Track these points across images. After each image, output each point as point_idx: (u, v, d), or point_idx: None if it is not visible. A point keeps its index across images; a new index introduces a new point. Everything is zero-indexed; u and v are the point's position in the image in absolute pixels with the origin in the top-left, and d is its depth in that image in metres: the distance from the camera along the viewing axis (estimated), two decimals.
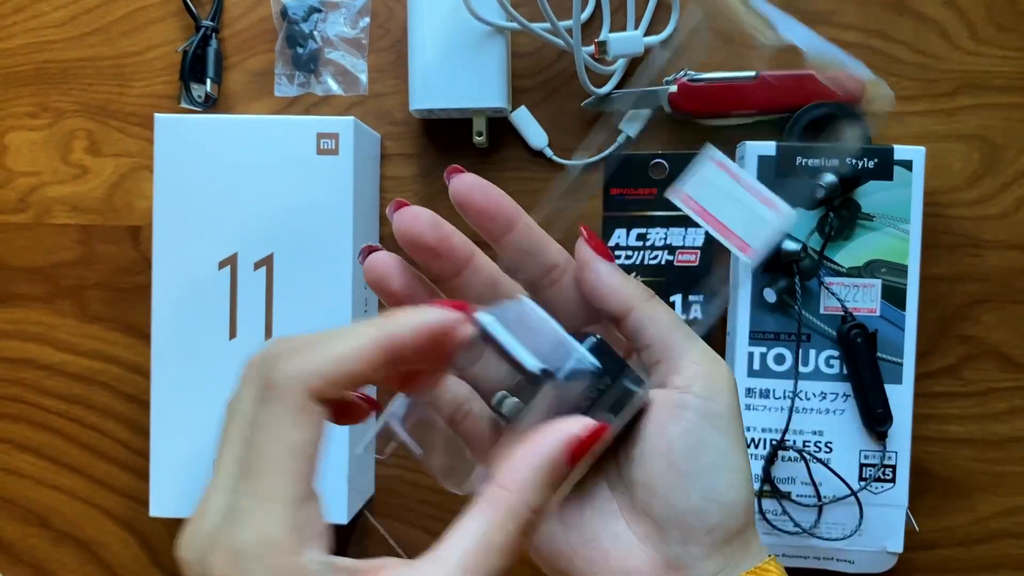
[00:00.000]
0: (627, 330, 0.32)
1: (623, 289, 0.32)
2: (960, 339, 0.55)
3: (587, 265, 0.32)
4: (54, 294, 0.58)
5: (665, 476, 0.30)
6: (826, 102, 0.53)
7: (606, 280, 0.32)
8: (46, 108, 0.58)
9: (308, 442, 0.25)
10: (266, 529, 0.24)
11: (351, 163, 0.50)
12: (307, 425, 0.25)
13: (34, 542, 0.59)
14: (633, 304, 0.32)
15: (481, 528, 0.26)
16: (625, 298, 0.32)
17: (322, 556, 0.25)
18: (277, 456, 0.25)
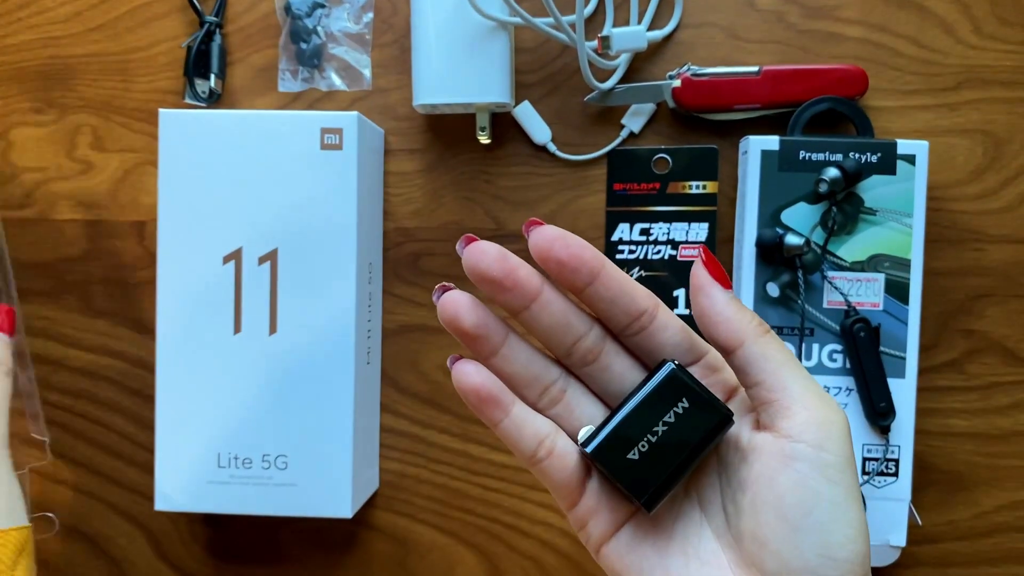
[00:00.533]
0: (737, 363, 0.32)
1: (738, 319, 0.31)
2: (963, 333, 0.55)
3: (702, 290, 0.32)
4: (60, 289, 0.59)
5: (777, 530, 0.29)
6: (829, 96, 0.53)
7: (720, 308, 0.32)
8: (51, 103, 0.59)
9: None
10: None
11: (355, 158, 0.50)
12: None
13: (39, 536, 0.59)
14: (746, 337, 0.31)
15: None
16: (739, 329, 0.31)
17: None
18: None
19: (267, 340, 0.51)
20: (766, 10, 0.55)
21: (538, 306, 0.31)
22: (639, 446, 0.31)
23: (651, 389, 0.31)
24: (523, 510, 0.57)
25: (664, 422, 0.31)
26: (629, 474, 0.31)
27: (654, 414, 0.31)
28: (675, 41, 0.56)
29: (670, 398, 0.31)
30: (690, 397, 0.31)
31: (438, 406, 0.57)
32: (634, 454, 0.31)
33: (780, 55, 0.55)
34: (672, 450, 0.31)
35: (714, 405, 0.31)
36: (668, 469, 0.31)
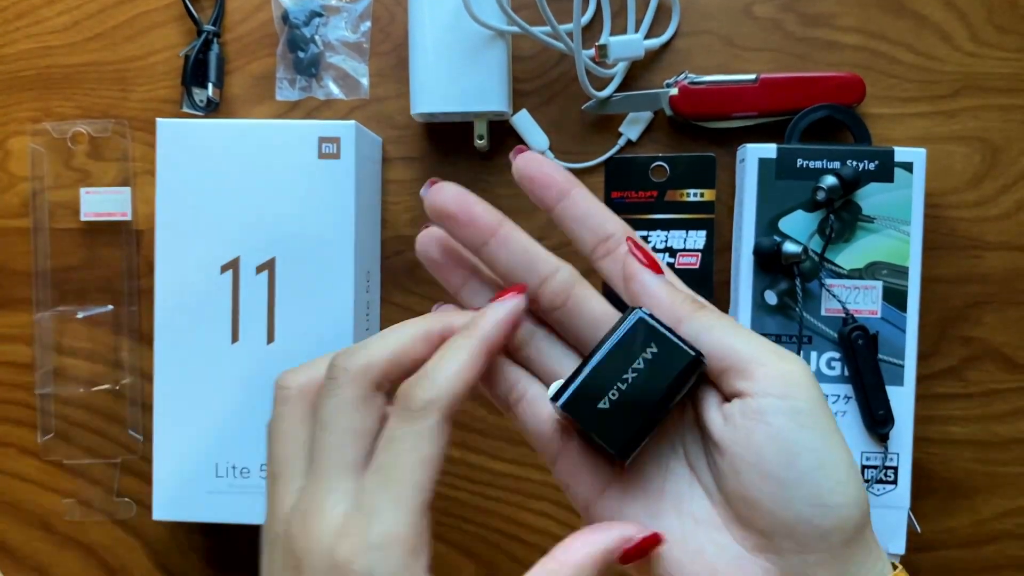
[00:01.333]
0: None
1: (670, 300, 0.31)
2: (961, 340, 0.55)
3: (633, 278, 0.32)
4: (57, 299, 0.58)
5: (762, 488, 0.29)
6: (826, 104, 0.53)
7: (652, 291, 0.32)
8: (49, 113, 0.59)
9: (438, 455, 0.29)
10: (396, 528, 0.28)
11: (353, 167, 0.50)
12: (440, 441, 0.29)
13: (38, 546, 0.59)
14: (681, 315, 0.31)
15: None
16: (672, 308, 0.31)
17: (428, 564, 0.29)
18: (412, 466, 0.29)
19: (265, 349, 0.51)
20: (763, 18, 0.55)
21: (496, 241, 0.33)
22: (609, 395, 0.30)
23: (619, 337, 0.31)
24: (522, 519, 0.57)
25: (634, 369, 0.30)
26: (601, 424, 0.30)
27: (623, 362, 0.30)
28: (672, 49, 0.56)
29: (639, 345, 0.30)
30: (658, 342, 0.30)
31: None
32: (605, 403, 0.30)
33: (777, 63, 0.55)
34: (643, 397, 0.30)
35: (683, 348, 0.30)
36: (640, 416, 0.30)
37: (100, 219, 0.58)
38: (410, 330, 0.31)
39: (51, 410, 0.58)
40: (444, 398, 0.29)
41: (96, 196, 0.58)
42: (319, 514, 0.29)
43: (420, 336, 0.31)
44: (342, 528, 0.28)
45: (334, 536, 0.28)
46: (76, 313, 0.58)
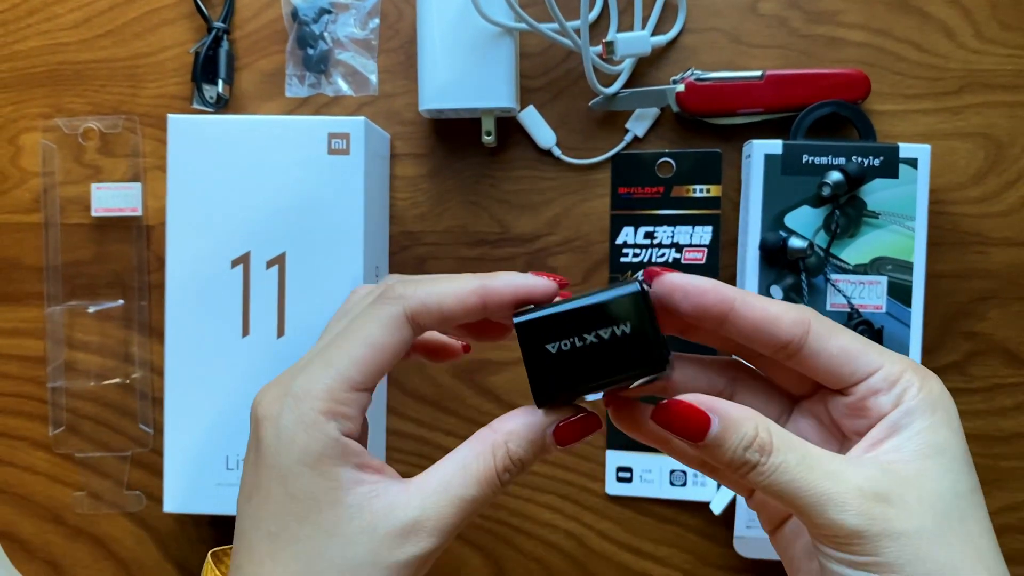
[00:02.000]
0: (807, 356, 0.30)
1: (783, 306, 0.31)
2: (966, 336, 0.55)
3: (735, 302, 0.30)
4: (68, 293, 0.59)
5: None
6: (832, 101, 0.53)
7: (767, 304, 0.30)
8: (60, 109, 0.59)
9: (384, 344, 0.30)
10: (313, 383, 0.29)
11: (362, 163, 0.51)
12: (392, 331, 0.30)
13: (49, 538, 0.59)
14: (808, 316, 0.30)
15: (465, 457, 0.30)
16: (793, 313, 0.30)
17: (343, 434, 0.29)
18: (354, 341, 0.30)
19: (275, 343, 0.51)
20: (769, 15, 0.56)
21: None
22: (562, 344, 0.30)
23: (605, 298, 0.30)
24: (528, 512, 0.57)
25: (598, 334, 0.30)
26: (541, 363, 0.30)
27: (594, 321, 0.29)
28: (679, 46, 0.56)
29: (618, 315, 0.29)
30: (635, 324, 0.29)
31: (444, 408, 0.57)
32: (554, 347, 0.30)
33: (783, 59, 0.56)
34: (591, 364, 0.30)
35: (655, 345, 0.29)
36: (576, 381, 0.30)
37: (111, 214, 0.58)
38: (469, 285, 0.31)
39: (62, 404, 0.59)
40: (415, 299, 0.30)
41: (107, 192, 0.58)
42: (276, 383, 0.31)
43: (474, 297, 0.31)
44: (275, 380, 0.31)
45: (266, 387, 0.31)
46: (87, 308, 0.59)
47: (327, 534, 0.29)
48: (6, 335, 0.59)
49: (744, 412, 0.29)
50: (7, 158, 0.59)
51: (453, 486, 0.30)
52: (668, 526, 0.56)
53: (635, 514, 0.57)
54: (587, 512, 0.57)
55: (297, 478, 0.29)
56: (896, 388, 0.30)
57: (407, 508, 0.29)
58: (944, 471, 0.29)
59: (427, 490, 0.30)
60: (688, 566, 0.57)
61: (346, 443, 0.29)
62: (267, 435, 0.29)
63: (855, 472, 0.28)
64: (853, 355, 0.30)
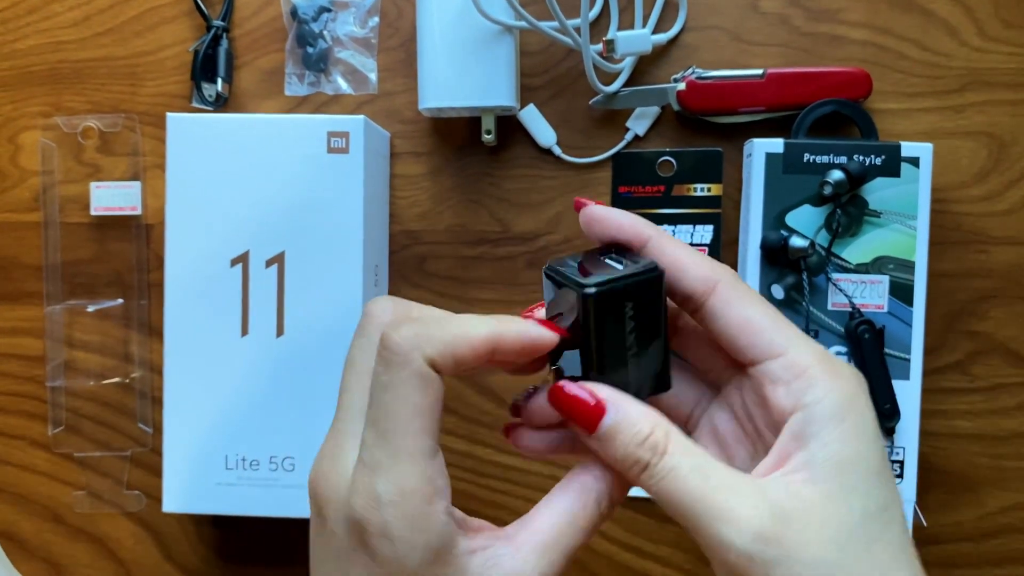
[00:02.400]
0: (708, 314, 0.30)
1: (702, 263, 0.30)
2: (968, 335, 0.55)
3: (649, 240, 0.31)
4: (68, 292, 0.59)
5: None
6: (833, 99, 0.53)
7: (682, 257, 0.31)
8: (59, 107, 0.59)
9: (431, 404, 0.29)
10: (403, 481, 0.28)
11: (361, 161, 0.51)
12: (430, 389, 0.28)
13: (49, 537, 0.59)
14: (722, 273, 0.30)
15: (571, 508, 0.29)
16: (708, 264, 0.30)
17: (446, 507, 0.28)
18: (406, 416, 0.28)
19: (274, 342, 0.51)
20: (770, 13, 0.55)
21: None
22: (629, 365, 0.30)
23: (596, 326, 0.30)
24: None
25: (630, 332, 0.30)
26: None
27: (618, 337, 0.30)
28: (679, 44, 0.56)
29: (616, 314, 0.30)
30: (628, 296, 0.29)
31: (444, 408, 0.57)
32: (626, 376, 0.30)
33: (784, 58, 0.55)
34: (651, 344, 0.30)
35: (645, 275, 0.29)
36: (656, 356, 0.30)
37: (110, 213, 0.58)
38: (488, 330, 0.30)
39: (61, 403, 0.59)
40: (433, 348, 0.28)
41: (106, 190, 0.58)
42: (334, 460, 0.29)
43: (486, 346, 0.30)
44: (353, 483, 0.28)
45: (347, 490, 0.29)
46: (86, 307, 0.59)
47: (435, 562, 0.28)
48: (5, 334, 0.59)
49: (643, 410, 0.29)
50: (6, 157, 0.59)
51: (563, 540, 0.29)
52: (669, 526, 0.56)
53: (636, 514, 0.57)
54: None
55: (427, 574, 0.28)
56: (798, 383, 0.28)
57: (524, 569, 0.28)
58: (851, 491, 0.27)
59: (538, 547, 0.29)
60: (689, 566, 0.56)
61: (457, 518, 0.29)
62: (382, 548, 0.28)
63: (753, 489, 0.27)
64: (755, 329, 0.29)
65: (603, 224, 0.31)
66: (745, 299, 0.29)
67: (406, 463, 0.28)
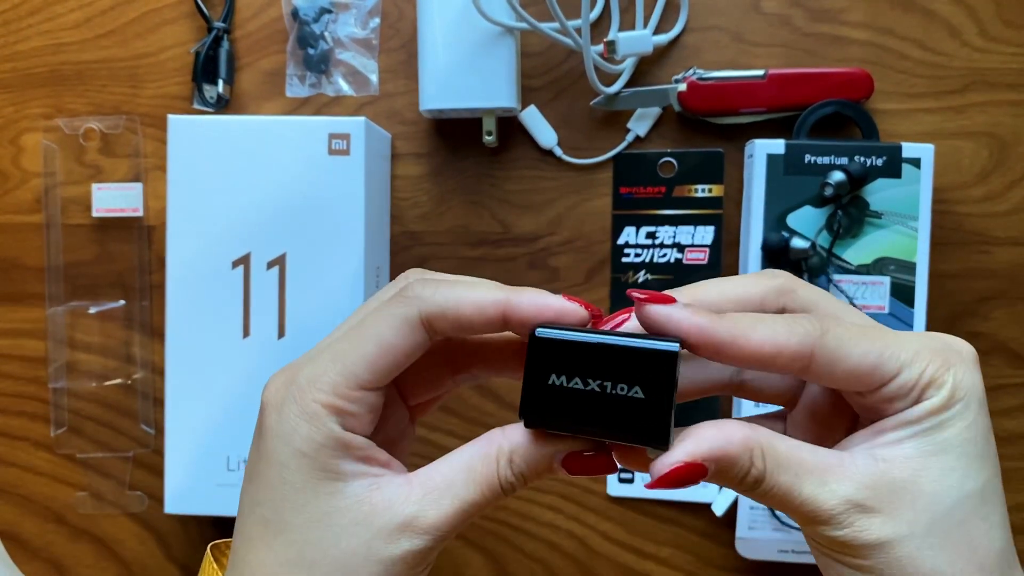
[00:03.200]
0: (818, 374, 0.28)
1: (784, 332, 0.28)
2: (969, 336, 0.55)
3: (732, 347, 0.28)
4: (70, 294, 0.59)
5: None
6: (834, 100, 0.53)
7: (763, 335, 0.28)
8: (61, 109, 0.59)
9: (395, 345, 0.28)
10: (320, 376, 0.28)
11: (362, 163, 0.51)
12: (404, 334, 0.29)
13: (51, 538, 0.60)
14: (812, 339, 0.28)
15: (472, 458, 0.29)
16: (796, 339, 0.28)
17: (345, 432, 0.28)
18: (365, 338, 0.29)
19: (276, 344, 0.51)
20: (771, 13, 0.55)
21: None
22: (572, 378, 0.27)
23: (637, 346, 0.27)
24: (531, 512, 0.57)
25: (612, 386, 0.27)
26: (539, 385, 0.27)
27: (615, 370, 0.27)
28: (681, 45, 0.56)
29: (639, 374, 0.26)
30: (654, 393, 0.26)
31: (445, 408, 0.57)
32: (560, 378, 0.27)
33: (785, 58, 0.55)
34: (590, 412, 0.27)
35: (664, 422, 0.26)
36: (568, 420, 0.27)
37: (112, 215, 0.58)
38: (491, 296, 0.29)
39: (64, 404, 0.59)
40: (433, 303, 0.28)
41: (108, 192, 0.58)
42: (292, 362, 0.30)
43: (495, 309, 0.29)
44: (286, 367, 0.30)
45: (276, 374, 0.30)
46: (88, 308, 0.59)
47: (322, 524, 0.28)
48: (8, 336, 0.60)
49: (733, 445, 0.27)
50: (8, 158, 0.59)
51: (456, 485, 0.29)
52: (670, 527, 0.56)
53: (637, 515, 0.57)
54: (589, 513, 0.57)
55: (296, 467, 0.28)
56: (913, 393, 0.28)
57: (406, 503, 0.28)
58: (948, 470, 0.28)
59: (429, 486, 0.29)
60: (690, 567, 0.56)
61: (349, 438, 0.28)
62: (269, 422, 0.29)
63: (843, 481, 0.27)
64: (865, 375, 0.28)
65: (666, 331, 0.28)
66: (842, 352, 0.28)
67: (335, 370, 0.28)
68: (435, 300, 0.29)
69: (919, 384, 0.28)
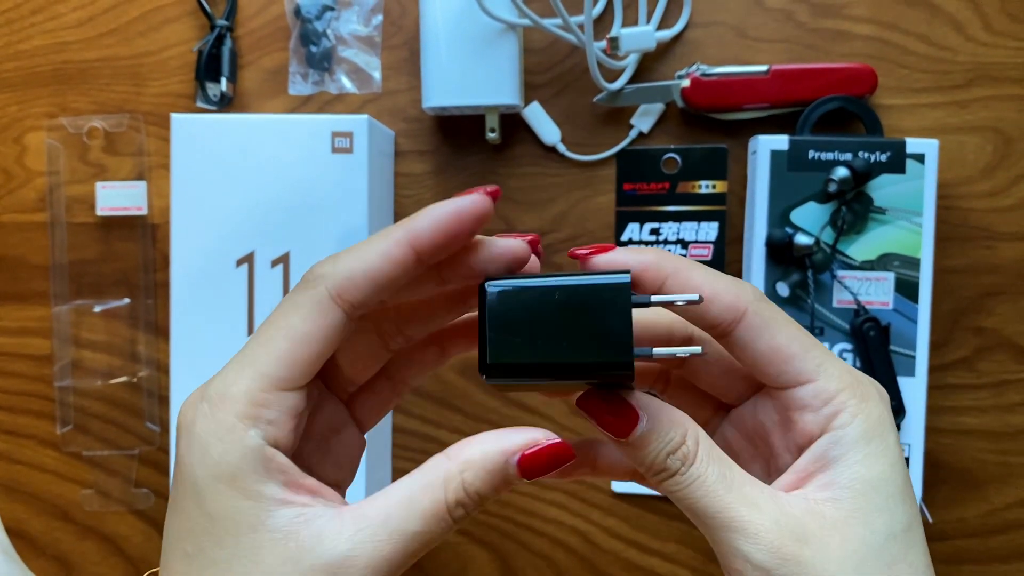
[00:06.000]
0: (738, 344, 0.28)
1: (725, 283, 0.28)
2: (974, 331, 0.55)
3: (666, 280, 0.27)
4: (75, 292, 0.59)
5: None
6: (838, 95, 0.53)
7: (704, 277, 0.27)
8: (64, 108, 0.59)
9: (307, 333, 0.26)
10: (229, 385, 0.25)
11: (365, 161, 0.51)
12: (315, 318, 0.26)
13: (58, 535, 0.60)
14: (748, 301, 0.27)
15: (412, 487, 0.26)
16: (734, 292, 0.27)
17: (265, 445, 0.25)
18: (274, 334, 0.26)
19: None
20: (775, 9, 0.55)
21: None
22: (529, 318, 0.26)
23: (589, 283, 0.26)
24: (535, 509, 0.57)
25: (570, 322, 0.26)
26: (498, 332, 0.26)
27: (571, 310, 0.26)
28: (684, 41, 0.56)
29: (596, 307, 0.26)
30: (613, 320, 0.26)
31: (449, 406, 0.57)
32: (517, 321, 0.26)
33: (789, 54, 0.55)
34: (551, 358, 0.26)
35: (625, 349, 0.26)
36: (532, 365, 0.26)
37: (116, 213, 0.58)
38: (393, 235, 0.27)
39: (70, 402, 0.59)
40: (338, 275, 0.26)
41: (112, 190, 0.58)
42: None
43: (400, 248, 0.26)
44: (198, 388, 0.27)
45: (191, 394, 0.27)
46: (93, 306, 0.59)
47: (246, 560, 0.25)
48: (13, 334, 0.60)
49: (676, 416, 0.27)
50: (12, 158, 0.59)
51: (393, 519, 0.26)
52: (674, 523, 0.56)
53: (642, 511, 0.57)
54: (594, 509, 0.57)
55: (213, 495, 0.25)
56: (826, 409, 0.27)
57: (337, 540, 0.25)
58: (876, 511, 0.26)
59: (363, 522, 0.26)
60: (695, 563, 0.57)
61: (270, 454, 0.25)
62: (181, 446, 0.26)
63: (775, 504, 0.26)
64: (784, 358, 0.27)
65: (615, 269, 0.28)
66: (773, 326, 0.28)
67: (245, 375, 0.26)
68: (338, 270, 0.26)
69: (832, 400, 0.27)
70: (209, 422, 0.25)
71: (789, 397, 0.28)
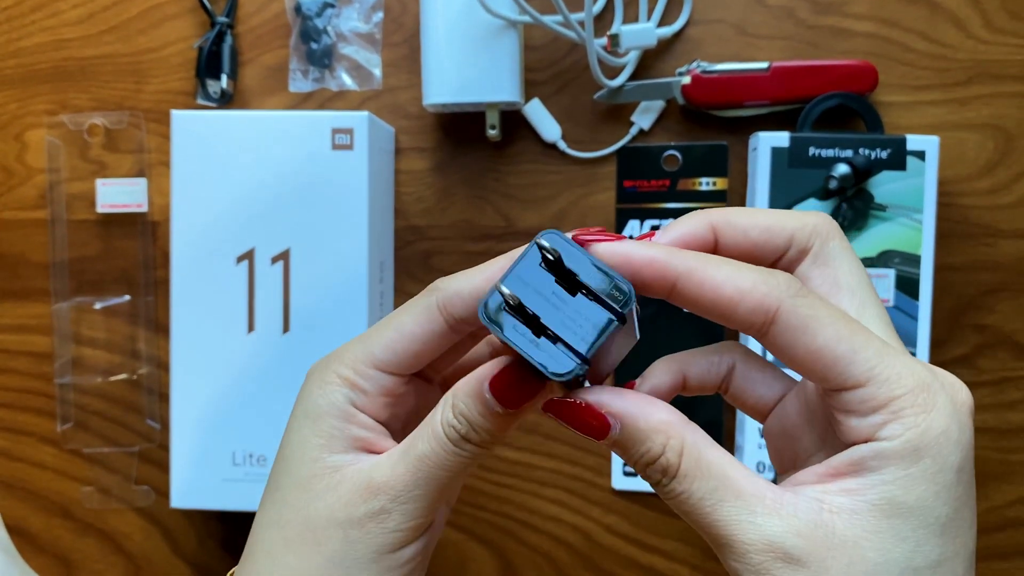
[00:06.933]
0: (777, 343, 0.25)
1: (751, 278, 0.25)
2: (974, 328, 0.55)
3: (677, 281, 0.25)
4: (75, 289, 0.59)
5: None
6: (839, 92, 0.53)
7: (725, 274, 0.25)
8: (65, 105, 0.59)
9: (412, 332, 0.29)
10: (344, 352, 0.30)
11: (366, 158, 0.51)
12: (422, 321, 0.29)
13: (58, 533, 0.60)
14: (780, 297, 0.24)
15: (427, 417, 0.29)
16: (763, 289, 0.25)
17: (346, 400, 0.29)
18: (387, 326, 0.30)
19: (280, 339, 0.51)
20: (775, 6, 0.55)
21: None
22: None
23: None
24: (535, 506, 0.57)
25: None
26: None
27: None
28: (684, 38, 0.56)
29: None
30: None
31: None
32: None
33: (790, 51, 0.55)
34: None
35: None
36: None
37: (116, 210, 0.58)
38: (497, 265, 0.28)
39: (70, 399, 0.59)
40: (448, 289, 0.29)
41: (112, 187, 0.58)
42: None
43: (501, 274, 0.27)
44: (319, 361, 0.31)
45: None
46: (93, 303, 0.59)
47: (300, 487, 0.29)
48: (14, 331, 0.60)
49: (654, 423, 0.25)
50: (13, 155, 0.59)
51: (407, 444, 0.29)
52: (675, 520, 0.56)
53: (642, 508, 0.57)
54: (594, 506, 0.57)
55: (298, 429, 0.30)
56: (874, 417, 0.24)
57: (373, 469, 0.29)
58: (898, 539, 0.23)
59: (395, 454, 0.29)
60: (695, 560, 0.57)
61: (352, 412, 0.29)
62: (301, 391, 0.30)
63: (775, 517, 0.24)
64: (827, 363, 0.24)
65: (618, 266, 0.26)
66: (812, 325, 0.24)
67: (357, 347, 0.30)
68: (450, 286, 0.29)
69: (882, 408, 0.24)
70: (319, 375, 0.30)
71: (835, 398, 0.25)
